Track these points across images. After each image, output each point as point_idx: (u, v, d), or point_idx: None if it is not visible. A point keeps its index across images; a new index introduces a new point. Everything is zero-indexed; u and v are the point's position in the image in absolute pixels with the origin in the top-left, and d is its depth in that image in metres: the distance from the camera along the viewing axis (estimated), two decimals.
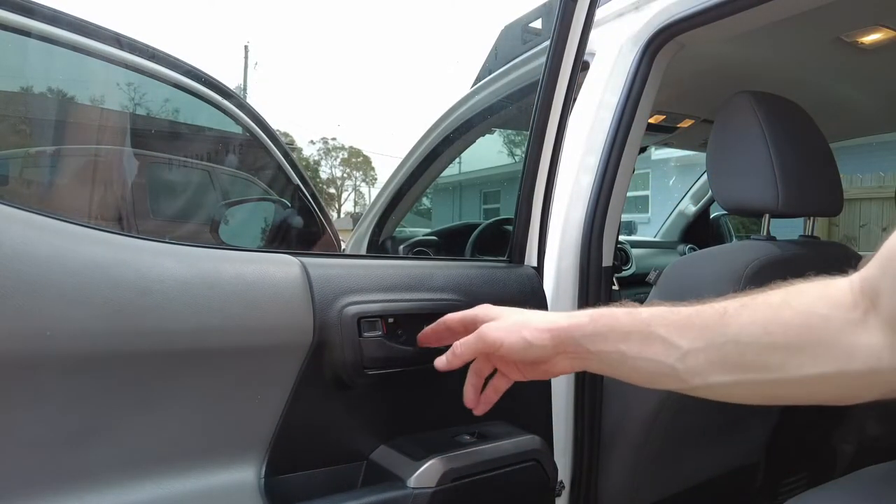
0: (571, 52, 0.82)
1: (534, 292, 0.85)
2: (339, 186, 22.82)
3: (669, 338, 0.49)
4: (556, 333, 0.57)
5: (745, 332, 0.46)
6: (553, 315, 0.60)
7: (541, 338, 0.57)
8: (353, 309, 0.66)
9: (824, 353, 0.42)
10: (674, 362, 0.49)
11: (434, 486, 0.66)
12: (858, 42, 1.28)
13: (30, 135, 1.29)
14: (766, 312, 0.46)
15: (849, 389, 0.43)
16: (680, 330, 0.49)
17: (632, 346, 0.52)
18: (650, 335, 0.51)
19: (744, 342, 0.45)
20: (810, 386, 0.43)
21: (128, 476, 0.54)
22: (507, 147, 9.18)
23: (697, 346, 0.48)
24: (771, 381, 0.44)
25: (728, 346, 0.46)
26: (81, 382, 0.51)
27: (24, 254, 0.47)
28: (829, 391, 0.43)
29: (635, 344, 0.51)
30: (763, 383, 0.45)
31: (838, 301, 0.43)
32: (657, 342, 0.50)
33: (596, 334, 0.54)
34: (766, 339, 0.45)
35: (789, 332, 0.44)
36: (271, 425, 0.62)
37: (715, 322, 0.48)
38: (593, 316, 0.55)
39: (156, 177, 1.39)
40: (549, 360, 0.58)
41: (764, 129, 1.00)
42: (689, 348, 0.48)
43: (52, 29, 0.96)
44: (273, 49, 32.09)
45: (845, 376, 0.41)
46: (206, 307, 0.56)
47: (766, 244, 1.03)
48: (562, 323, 0.57)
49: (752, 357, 0.45)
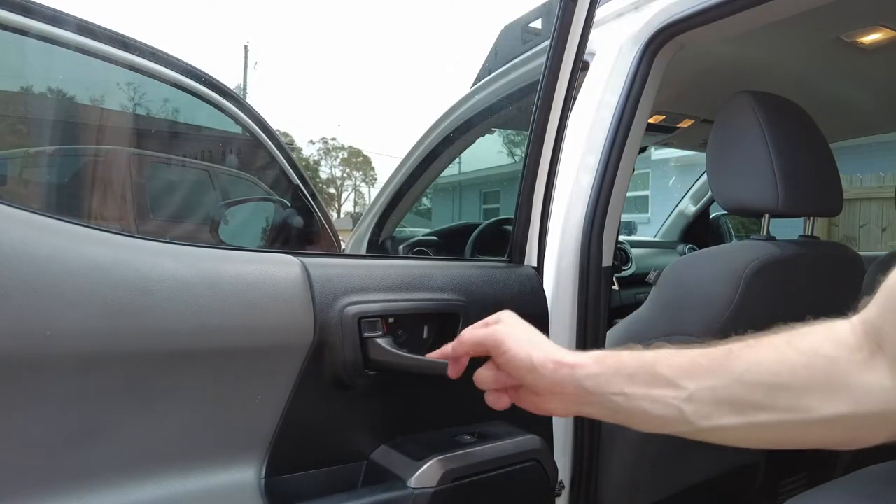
0: (571, 52, 0.82)
1: (534, 292, 0.85)
2: (339, 186, 22.80)
3: (675, 378, 0.48)
4: (559, 367, 0.54)
5: (752, 371, 0.45)
6: (561, 349, 0.57)
7: (544, 365, 0.55)
8: (354, 309, 0.66)
9: (834, 394, 0.42)
10: (680, 403, 0.47)
11: (434, 487, 0.66)
12: (858, 42, 1.28)
13: (29, 135, 1.29)
14: (771, 353, 0.45)
15: (859, 432, 0.42)
16: (686, 370, 0.48)
17: (636, 387, 0.50)
18: (655, 375, 0.49)
19: (751, 382, 0.45)
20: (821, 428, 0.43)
21: (128, 476, 0.54)
22: (506, 147, 9.18)
23: (704, 386, 0.47)
24: (781, 423, 0.44)
25: (735, 387, 0.45)
26: (81, 382, 0.51)
27: (24, 254, 0.47)
28: (839, 433, 0.43)
29: (640, 385, 0.50)
30: (773, 425, 0.44)
31: (843, 342, 0.43)
32: (662, 383, 0.49)
33: (599, 375, 0.52)
34: (774, 379, 0.44)
35: (796, 372, 0.44)
36: (271, 425, 0.62)
37: (721, 362, 0.47)
38: (597, 357, 0.54)
39: (156, 177, 1.39)
40: (543, 393, 0.56)
41: (764, 129, 1.00)
42: (695, 389, 0.47)
43: (52, 29, 0.96)
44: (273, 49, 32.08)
45: (857, 418, 0.41)
46: (207, 307, 0.56)
47: (765, 244, 1.03)
48: (567, 359, 0.55)
49: (760, 398, 0.44)
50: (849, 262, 1.15)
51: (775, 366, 0.45)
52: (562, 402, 0.55)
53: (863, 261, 1.16)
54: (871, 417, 0.41)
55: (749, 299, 0.96)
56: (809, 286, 1.07)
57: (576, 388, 0.53)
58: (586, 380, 0.53)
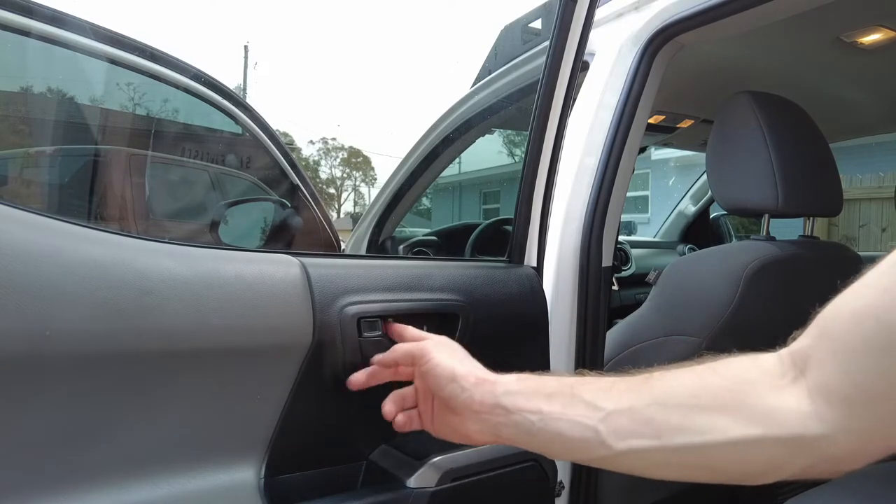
0: (571, 53, 0.82)
1: (533, 292, 0.85)
2: (339, 186, 22.82)
3: (594, 400, 0.48)
4: (479, 382, 0.54)
5: (671, 394, 0.45)
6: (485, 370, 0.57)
7: (465, 377, 0.55)
8: (353, 309, 0.66)
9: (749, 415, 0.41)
10: (596, 424, 0.47)
11: (434, 487, 0.66)
12: (858, 42, 1.28)
13: (29, 135, 1.29)
14: (691, 377, 0.46)
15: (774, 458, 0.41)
16: (605, 392, 0.48)
17: (554, 406, 0.49)
18: (574, 397, 0.49)
19: (669, 404, 0.45)
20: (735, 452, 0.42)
21: (127, 476, 0.54)
22: (506, 147, 9.20)
23: (621, 407, 0.46)
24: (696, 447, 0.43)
25: (653, 409, 0.45)
26: (81, 382, 0.51)
27: (23, 253, 0.47)
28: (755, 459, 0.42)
29: (557, 405, 0.49)
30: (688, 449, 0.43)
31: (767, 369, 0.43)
32: (580, 404, 0.48)
33: (518, 393, 0.52)
34: (692, 401, 0.44)
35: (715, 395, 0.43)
36: (271, 425, 0.62)
37: (639, 385, 0.47)
38: (520, 377, 0.54)
39: (156, 177, 1.39)
40: (461, 411, 0.55)
41: (763, 130, 1.00)
42: (612, 409, 0.47)
43: (52, 29, 0.96)
44: (273, 49, 32.04)
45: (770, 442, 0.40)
46: (206, 307, 0.56)
47: (765, 244, 1.03)
48: (489, 377, 0.55)
49: (676, 420, 0.44)
50: (849, 263, 1.15)
51: (694, 389, 0.45)
52: (478, 423, 0.54)
53: (863, 261, 1.16)
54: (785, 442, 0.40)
55: (749, 299, 0.96)
56: (809, 286, 1.07)
57: (493, 405, 0.52)
58: (504, 396, 0.52)
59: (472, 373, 0.56)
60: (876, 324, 0.37)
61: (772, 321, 1.02)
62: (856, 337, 0.38)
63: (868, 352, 0.37)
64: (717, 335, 0.98)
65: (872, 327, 0.37)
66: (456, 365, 0.57)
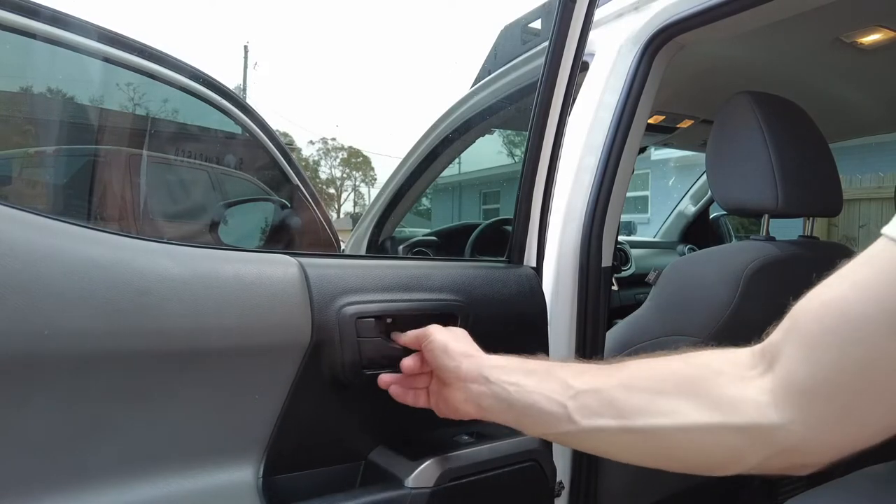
0: (571, 53, 0.82)
1: (533, 292, 0.85)
2: (339, 186, 22.85)
3: (567, 379, 0.52)
4: (468, 355, 0.60)
5: (637, 377, 0.48)
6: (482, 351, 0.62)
7: (456, 350, 0.61)
8: (352, 309, 0.66)
9: (710, 402, 0.42)
10: (565, 400, 0.50)
11: (432, 487, 0.66)
12: (858, 42, 1.28)
13: (29, 135, 1.29)
14: (660, 365, 0.47)
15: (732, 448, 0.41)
16: (577, 373, 0.52)
17: (530, 380, 0.54)
18: (550, 374, 0.53)
19: (634, 387, 0.47)
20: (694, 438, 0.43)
21: (125, 476, 0.54)
22: (506, 147, 9.20)
23: (590, 387, 0.49)
24: (656, 430, 0.44)
25: (618, 390, 0.47)
26: (79, 382, 0.50)
27: (22, 253, 0.47)
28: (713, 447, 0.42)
29: (534, 379, 0.54)
30: (648, 431, 0.45)
31: (737, 360, 0.44)
32: (555, 381, 0.52)
33: (503, 367, 0.57)
34: (657, 385, 0.46)
35: (680, 381, 0.45)
36: (269, 425, 0.62)
37: (611, 369, 0.50)
38: (508, 357, 0.59)
39: (155, 177, 1.39)
40: (451, 382, 0.61)
41: (763, 130, 1.00)
42: (581, 388, 0.50)
43: (52, 29, 0.96)
44: (273, 49, 32.05)
45: (727, 430, 0.41)
46: (205, 307, 0.56)
47: (765, 244, 1.03)
48: (478, 353, 0.61)
49: (638, 402, 0.46)
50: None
51: (660, 374, 0.47)
52: (464, 392, 0.59)
53: None
54: (742, 431, 0.40)
55: (748, 299, 0.96)
56: (809, 286, 1.07)
57: (477, 375, 0.58)
58: (490, 369, 0.58)
59: (463, 350, 0.61)
60: (840, 317, 0.37)
61: (771, 321, 1.02)
62: (820, 329, 0.38)
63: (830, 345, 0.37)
64: (716, 335, 0.98)
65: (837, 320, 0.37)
66: (450, 340, 0.62)
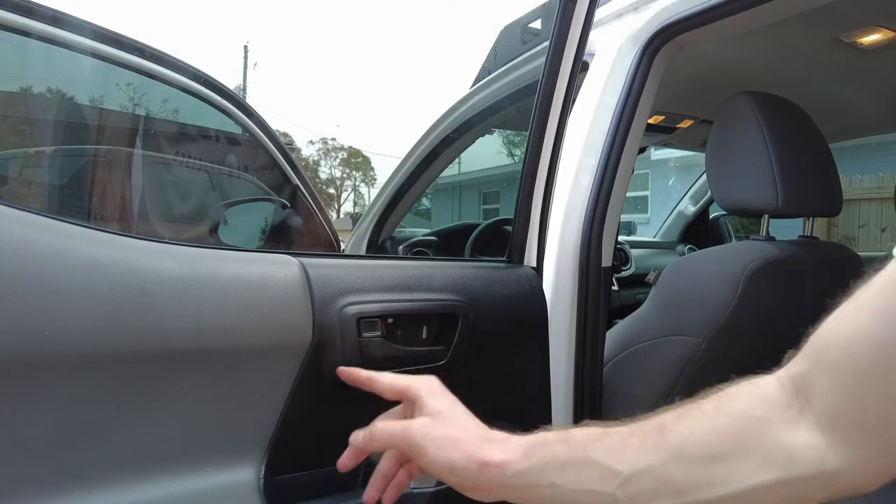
0: (571, 53, 0.82)
1: (533, 292, 0.85)
2: (339, 186, 22.84)
3: (608, 463, 0.44)
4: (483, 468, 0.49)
5: (688, 446, 0.43)
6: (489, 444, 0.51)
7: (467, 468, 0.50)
8: (353, 309, 0.66)
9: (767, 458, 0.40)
10: (614, 490, 0.44)
11: (433, 487, 0.66)
12: (858, 42, 1.28)
13: (29, 135, 1.29)
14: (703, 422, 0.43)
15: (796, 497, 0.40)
16: (619, 453, 0.45)
17: (567, 477, 0.46)
18: (587, 461, 0.45)
19: (687, 458, 0.42)
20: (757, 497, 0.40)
21: (126, 476, 0.54)
22: (506, 148, 9.20)
23: (639, 468, 0.43)
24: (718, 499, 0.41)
25: (671, 465, 0.42)
26: (80, 382, 0.51)
27: (23, 253, 0.47)
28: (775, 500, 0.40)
29: (571, 474, 0.46)
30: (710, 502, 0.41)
31: (772, 401, 0.42)
32: (595, 469, 0.45)
33: (528, 471, 0.48)
34: (709, 450, 0.42)
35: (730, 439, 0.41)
36: (270, 425, 0.62)
37: (654, 440, 0.44)
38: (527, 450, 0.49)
39: (155, 177, 1.39)
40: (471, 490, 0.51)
41: (763, 130, 1.00)
42: (630, 473, 0.44)
43: (52, 29, 0.96)
44: (272, 49, 32.05)
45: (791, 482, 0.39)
46: (206, 307, 0.56)
47: (765, 244, 1.02)
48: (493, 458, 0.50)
49: (697, 474, 0.42)
50: (848, 263, 1.15)
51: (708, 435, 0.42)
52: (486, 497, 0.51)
53: (862, 261, 1.16)
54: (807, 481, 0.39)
55: (748, 299, 0.96)
56: (809, 286, 1.07)
57: (501, 486, 0.49)
58: (514, 478, 0.49)
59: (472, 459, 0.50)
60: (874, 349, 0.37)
61: (771, 321, 1.02)
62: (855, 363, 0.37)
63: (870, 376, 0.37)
64: (716, 335, 0.98)
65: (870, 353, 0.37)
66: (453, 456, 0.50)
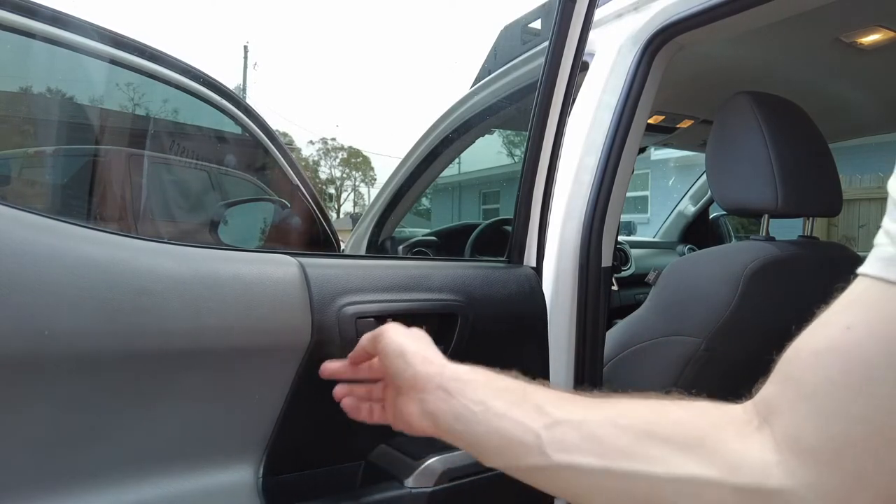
0: (571, 53, 0.82)
1: (533, 292, 0.85)
2: (339, 186, 22.84)
3: (543, 405, 0.44)
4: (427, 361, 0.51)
5: (628, 415, 0.42)
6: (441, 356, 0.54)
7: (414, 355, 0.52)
8: (352, 309, 0.66)
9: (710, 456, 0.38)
10: (539, 428, 0.43)
11: (432, 486, 0.66)
12: (858, 42, 1.28)
13: (29, 135, 1.29)
14: (653, 405, 0.42)
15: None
16: (558, 400, 0.45)
17: (499, 401, 0.46)
18: (525, 397, 0.46)
19: (623, 425, 0.41)
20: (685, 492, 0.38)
21: (125, 476, 0.54)
22: (506, 148, 9.20)
23: (570, 418, 0.42)
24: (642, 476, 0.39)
25: (604, 426, 0.41)
26: (79, 382, 0.51)
27: (22, 253, 0.47)
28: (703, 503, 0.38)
29: (504, 401, 0.46)
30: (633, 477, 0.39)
31: (732, 414, 0.40)
32: (528, 406, 0.45)
33: (468, 382, 0.48)
34: (649, 427, 0.40)
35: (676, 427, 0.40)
36: (269, 425, 0.62)
37: (597, 403, 0.44)
38: (474, 368, 0.50)
39: (155, 177, 1.39)
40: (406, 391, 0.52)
41: (763, 130, 1.00)
42: (561, 418, 0.43)
43: (52, 29, 0.96)
44: (272, 49, 32.06)
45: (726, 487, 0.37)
46: (205, 307, 0.56)
47: (765, 244, 1.02)
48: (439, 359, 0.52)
49: (628, 442, 0.40)
50: (848, 263, 1.15)
51: (653, 416, 0.41)
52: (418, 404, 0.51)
53: (862, 261, 1.16)
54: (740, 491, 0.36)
55: (748, 300, 0.96)
56: (808, 286, 1.07)
57: (436, 386, 0.49)
58: (451, 381, 0.49)
59: (421, 352, 0.53)
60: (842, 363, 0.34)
61: (771, 321, 1.02)
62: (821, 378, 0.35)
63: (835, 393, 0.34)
64: (716, 335, 0.98)
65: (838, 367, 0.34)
66: (407, 343, 0.54)
